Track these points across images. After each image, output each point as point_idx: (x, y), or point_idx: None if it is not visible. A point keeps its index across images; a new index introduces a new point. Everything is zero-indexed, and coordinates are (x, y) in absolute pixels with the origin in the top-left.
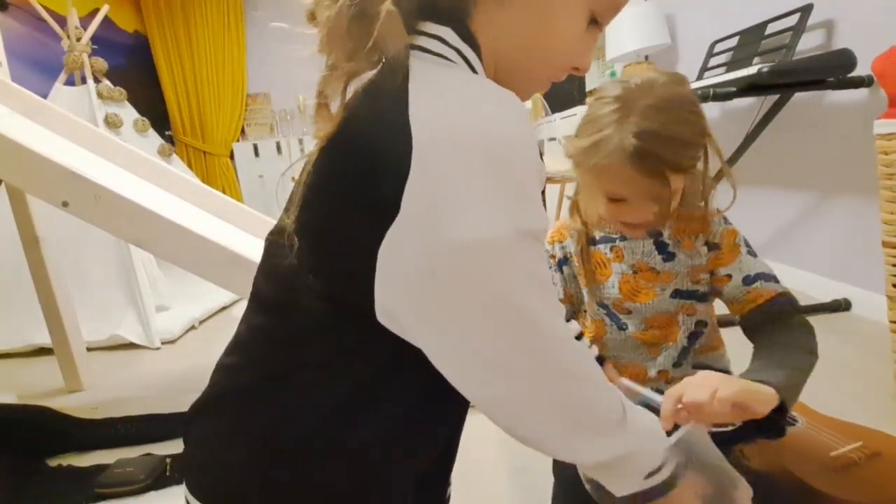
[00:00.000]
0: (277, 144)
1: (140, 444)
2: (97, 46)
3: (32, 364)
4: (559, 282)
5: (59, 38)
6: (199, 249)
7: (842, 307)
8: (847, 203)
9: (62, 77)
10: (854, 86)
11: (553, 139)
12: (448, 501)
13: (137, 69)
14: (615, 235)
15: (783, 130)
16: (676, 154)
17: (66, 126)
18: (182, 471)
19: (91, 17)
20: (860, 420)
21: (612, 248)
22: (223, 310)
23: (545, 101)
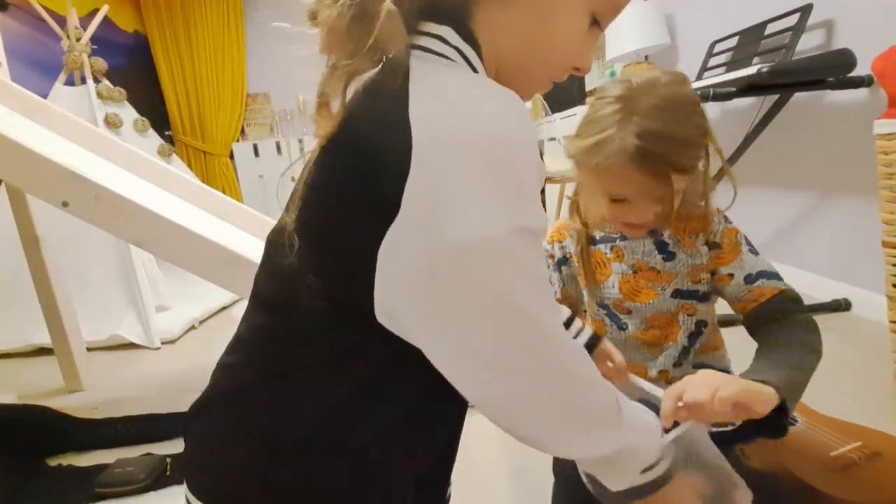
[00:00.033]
0: (277, 144)
1: (140, 444)
2: (97, 46)
3: (32, 364)
4: (556, 282)
5: (59, 38)
6: (199, 249)
7: (842, 307)
8: (847, 203)
9: (62, 77)
10: (854, 86)
11: (553, 139)
12: (448, 501)
13: (137, 69)
14: (615, 235)
15: (783, 130)
16: (679, 154)
17: (66, 126)
18: (182, 470)
19: (91, 17)
20: (860, 420)
21: (613, 248)
22: (223, 310)
23: (545, 101)
